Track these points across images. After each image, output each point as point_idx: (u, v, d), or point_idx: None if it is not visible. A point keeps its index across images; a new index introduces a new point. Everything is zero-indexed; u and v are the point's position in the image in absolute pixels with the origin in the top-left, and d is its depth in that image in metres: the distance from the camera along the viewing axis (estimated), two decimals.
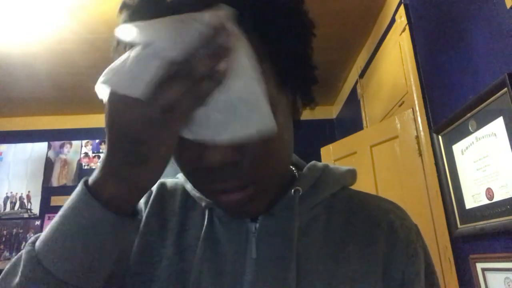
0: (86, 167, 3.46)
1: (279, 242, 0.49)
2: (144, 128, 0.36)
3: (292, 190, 0.51)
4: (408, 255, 0.51)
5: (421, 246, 0.53)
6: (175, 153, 0.44)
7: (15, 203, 3.34)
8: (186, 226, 0.53)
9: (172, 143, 0.38)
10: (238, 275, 0.48)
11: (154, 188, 0.58)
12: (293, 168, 0.58)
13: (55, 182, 3.41)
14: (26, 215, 3.31)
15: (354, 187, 0.59)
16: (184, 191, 0.57)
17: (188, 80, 0.36)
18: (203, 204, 0.53)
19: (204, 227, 0.51)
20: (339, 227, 0.52)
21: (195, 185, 0.50)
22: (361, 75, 2.73)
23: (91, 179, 0.40)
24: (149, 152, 0.37)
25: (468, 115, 1.36)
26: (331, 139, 2.90)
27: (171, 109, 0.36)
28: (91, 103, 3.29)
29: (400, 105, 2.05)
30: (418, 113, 1.79)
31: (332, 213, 0.53)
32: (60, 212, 0.40)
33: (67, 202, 0.40)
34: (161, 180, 0.59)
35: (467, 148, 1.38)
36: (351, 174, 0.59)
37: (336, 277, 0.47)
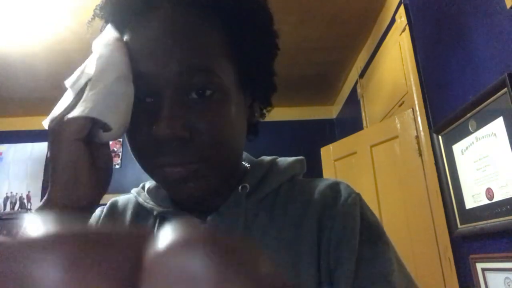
0: None
1: None
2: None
3: (240, 187, 0.52)
4: (335, 213, 0.49)
5: (354, 204, 0.50)
6: (128, 131, 0.46)
7: (15, 203, 3.34)
8: None
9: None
10: None
11: (105, 207, 0.60)
12: (247, 165, 0.58)
13: None
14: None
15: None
16: (136, 204, 0.57)
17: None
18: (155, 212, 0.53)
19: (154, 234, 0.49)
20: (280, 217, 0.52)
21: (143, 163, 0.48)
22: (361, 75, 2.73)
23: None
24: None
25: (468, 115, 1.36)
26: (331, 139, 2.90)
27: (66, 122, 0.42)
28: None
29: (400, 105, 2.05)
30: (418, 113, 1.79)
31: (275, 205, 0.53)
32: None
33: None
34: (113, 199, 0.61)
35: (467, 148, 1.38)
36: (299, 163, 0.59)
37: (280, 266, 0.46)
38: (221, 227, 0.50)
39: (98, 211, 0.60)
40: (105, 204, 0.60)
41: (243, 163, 0.59)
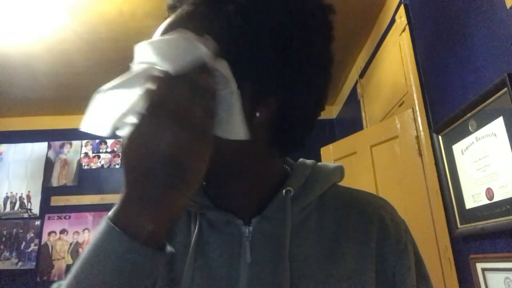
0: (86, 167, 3.46)
1: (273, 245, 0.49)
2: (186, 149, 0.35)
3: (284, 191, 0.50)
4: (399, 251, 0.52)
5: (410, 242, 0.54)
6: None
7: (15, 203, 3.34)
8: (172, 234, 0.51)
9: (207, 162, 0.38)
10: (232, 281, 0.47)
11: None
12: (287, 167, 0.58)
13: (55, 182, 3.41)
14: (26, 215, 3.30)
15: (354, 185, 0.60)
16: None
17: (208, 96, 0.37)
18: (193, 210, 0.52)
19: (195, 233, 0.49)
20: (332, 225, 0.52)
21: None
22: (361, 75, 2.73)
23: (115, 215, 0.37)
24: (188, 175, 0.36)
25: (468, 115, 1.36)
26: (331, 139, 2.90)
27: (205, 130, 0.37)
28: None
29: (400, 105, 2.05)
30: (418, 113, 1.79)
31: (324, 212, 0.53)
32: (86, 257, 0.36)
33: (93, 243, 0.37)
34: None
35: (467, 148, 1.38)
36: (340, 171, 0.59)
37: (331, 277, 0.48)
38: (266, 231, 0.49)
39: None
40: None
41: (285, 166, 0.57)
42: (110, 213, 0.37)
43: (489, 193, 1.26)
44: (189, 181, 0.37)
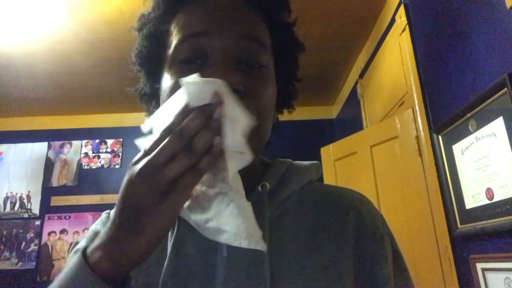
0: (86, 167, 3.46)
1: None
2: (147, 197, 0.38)
3: (259, 186, 0.52)
4: (376, 240, 0.53)
5: (387, 234, 0.56)
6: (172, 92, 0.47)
7: (15, 203, 3.34)
8: None
9: (171, 218, 0.40)
10: (208, 275, 0.47)
11: (100, 221, 0.58)
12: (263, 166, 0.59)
13: (55, 182, 3.41)
14: (26, 215, 3.31)
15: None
16: None
17: (190, 157, 0.38)
18: None
19: (173, 236, 0.50)
20: (310, 218, 0.54)
21: None
22: (361, 75, 2.73)
23: (90, 248, 0.41)
24: (146, 222, 0.38)
25: (468, 115, 1.36)
26: (331, 139, 2.90)
27: (174, 184, 0.38)
28: (91, 103, 3.29)
29: (400, 105, 2.05)
30: (418, 113, 1.79)
31: (302, 206, 0.55)
32: (59, 281, 0.41)
33: (66, 270, 0.41)
34: (107, 211, 0.59)
35: (467, 148, 1.38)
36: (316, 168, 0.60)
37: (309, 267, 0.49)
38: None
39: (105, 217, 0.58)
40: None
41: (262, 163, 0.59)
42: (90, 246, 0.42)
43: (489, 193, 1.26)
44: (147, 232, 0.39)
